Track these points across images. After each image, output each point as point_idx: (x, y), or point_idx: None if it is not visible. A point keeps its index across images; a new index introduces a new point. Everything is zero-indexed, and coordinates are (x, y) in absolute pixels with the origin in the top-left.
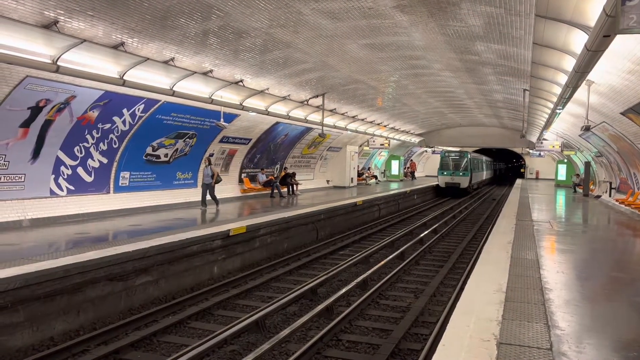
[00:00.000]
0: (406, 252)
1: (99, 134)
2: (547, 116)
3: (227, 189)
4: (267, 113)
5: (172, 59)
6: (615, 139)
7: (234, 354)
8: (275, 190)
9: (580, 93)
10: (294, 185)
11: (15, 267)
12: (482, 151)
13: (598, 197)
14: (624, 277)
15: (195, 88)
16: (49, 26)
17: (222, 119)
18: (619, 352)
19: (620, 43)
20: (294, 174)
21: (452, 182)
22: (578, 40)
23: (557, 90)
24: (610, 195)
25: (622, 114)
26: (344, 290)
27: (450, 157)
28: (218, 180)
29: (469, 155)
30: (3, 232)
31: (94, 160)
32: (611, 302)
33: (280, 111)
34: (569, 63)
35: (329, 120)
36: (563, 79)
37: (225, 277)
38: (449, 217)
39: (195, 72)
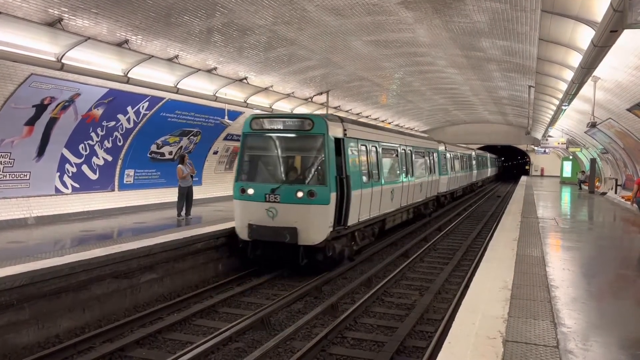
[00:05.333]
0: (410, 250)
1: (104, 131)
2: (552, 113)
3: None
4: (272, 110)
5: (176, 57)
6: (621, 136)
7: (239, 351)
8: None
9: (586, 89)
10: None
11: (21, 264)
12: (486, 148)
13: (604, 194)
14: (630, 274)
15: (199, 85)
16: (54, 24)
17: (226, 117)
18: (626, 350)
19: (628, 39)
20: None
21: (269, 226)
22: (584, 36)
23: (563, 86)
24: (616, 192)
25: (628, 110)
26: (348, 287)
27: (272, 135)
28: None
29: (327, 125)
30: (9, 230)
31: (98, 158)
32: (618, 300)
33: (285, 108)
34: (575, 59)
35: None
36: (569, 75)
37: (230, 275)
38: (448, 218)
39: (200, 70)
